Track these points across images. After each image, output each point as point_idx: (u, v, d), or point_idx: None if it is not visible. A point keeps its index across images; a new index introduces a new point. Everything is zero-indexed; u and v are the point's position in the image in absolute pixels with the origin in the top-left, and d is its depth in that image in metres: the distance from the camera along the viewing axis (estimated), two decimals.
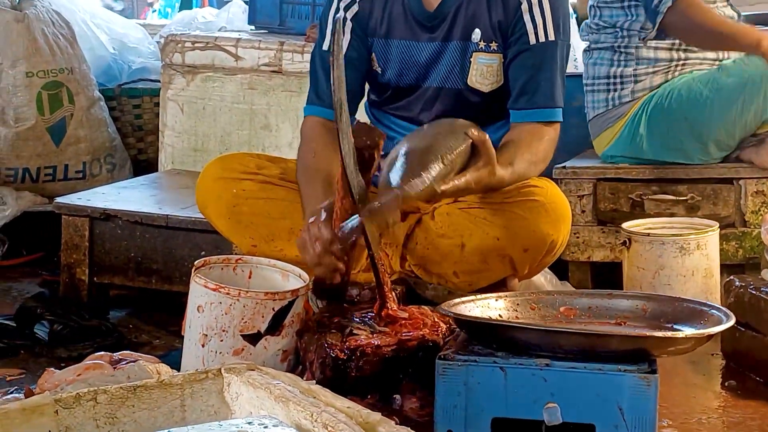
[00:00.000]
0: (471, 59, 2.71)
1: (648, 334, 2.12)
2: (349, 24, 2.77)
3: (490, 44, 2.71)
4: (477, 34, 2.70)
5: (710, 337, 2.11)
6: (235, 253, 2.90)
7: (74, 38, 4.16)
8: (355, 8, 2.78)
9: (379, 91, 2.84)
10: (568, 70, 4.04)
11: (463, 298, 2.33)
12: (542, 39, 2.67)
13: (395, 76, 2.78)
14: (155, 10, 11.50)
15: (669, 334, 2.13)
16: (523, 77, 2.67)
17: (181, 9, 9.61)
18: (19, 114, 3.94)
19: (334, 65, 2.27)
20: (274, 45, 3.88)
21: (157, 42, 4.58)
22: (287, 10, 4.24)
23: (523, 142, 2.60)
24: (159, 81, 4.14)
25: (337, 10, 2.79)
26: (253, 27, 4.35)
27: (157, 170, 4.08)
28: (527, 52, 2.67)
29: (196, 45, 3.97)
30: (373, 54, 2.78)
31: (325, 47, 2.80)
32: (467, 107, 2.75)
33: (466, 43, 2.71)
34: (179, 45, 3.98)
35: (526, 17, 2.67)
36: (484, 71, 2.72)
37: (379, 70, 2.79)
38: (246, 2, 4.58)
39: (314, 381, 2.18)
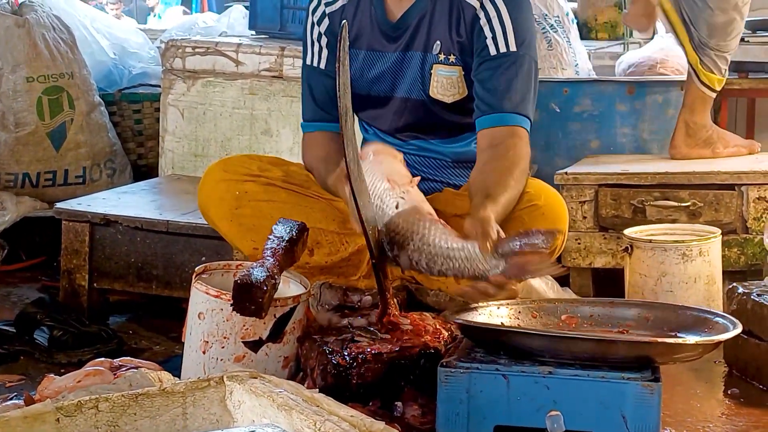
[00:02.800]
0: (431, 71, 2.73)
1: (658, 340, 2.11)
2: (324, 39, 2.82)
3: (449, 56, 2.72)
4: (437, 45, 2.72)
5: (718, 344, 2.10)
6: (236, 259, 2.90)
7: (75, 43, 4.16)
8: (326, 22, 2.82)
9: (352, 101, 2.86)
10: (568, 75, 4.09)
11: (467, 306, 2.32)
12: (503, 49, 2.66)
13: (363, 86, 2.81)
14: (156, 15, 11.53)
15: (679, 340, 2.11)
16: (483, 86, 2.67)
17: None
18: (20, 119, 3.93)
19: (339, 72, 2.27)
20: (274, 50, 3.88)
21: (158, 47, 4.57)
22: (288, 16, 4.23)
23: (490, 165, 2.56)
24: (159, 86, 4.13)
25: (312, 24, 2.84)
26: (253, 32, 4.34)
27: (157, 175, 4.08)
28: (488, 62, 2.67)
29: (197, 50, 3.97)
30: None
31: (308, 62, 2.85)
32: (434, 119, 2.78)
33: (426, 54, 2.73)
34: (180, 50, 3.98)
35: (486, 30, 2.67)
36: (444, 83, 2.73)
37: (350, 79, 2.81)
38: (246, 7, 4.58)
39: (316, 388, 2.18)
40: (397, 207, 2.31)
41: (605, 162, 3.57)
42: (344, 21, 2.54)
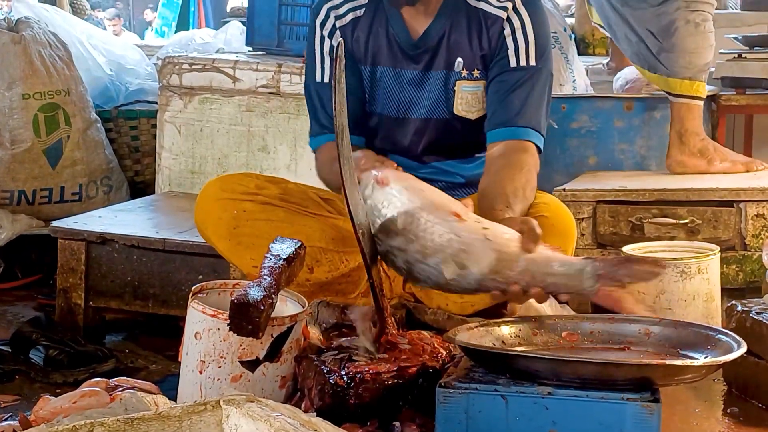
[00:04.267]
0: (455, 88, 2.72)
1: (665, 362, 2.09)
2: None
3: (473, 72, 2.71)
4: (459, 63, 2.71)
5: (722, 365, 2.09)
6: (233, 277, 2.89)
7: (71, 60, 4.15)
8: (337, 35, 2.78)
9: (367, 121, 2.83)
10: (565, 92, 4.09)
11: (467, 325, 2.31)
12: (522, 63, 2.67)
13: (381, 105, 2.79)
14: (153, 30, 11.56)
15: (687, 362, 2.10)
16: (499, 98, 2.66)
17: (177, 29, 9.64)
18: (15, 136, 3.92)
19: (335, 90, 2.26)
20: (272, 67, 3.88)
21: (155, 63, 4.56)
22: (285, 32, 4.23)
23: (496, 177, 2.56)
24: (156, 103, 4.13)
25: (322, 39, 2.80)
26: (250, 48, 4.34)
27: (154, 192, 4.07)
28: (505, 74, 2.67)
29: (194, 67, 3.96)
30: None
31: (318, 78, 2.80)
32: (456, 136, 2.77)
33: (448, 72, 2.72)
34: (177, 67, 3.97)
35: (509, 41, 2.68)
36: (468, 99, 2.72)
37: (366, 97, 2.79)
38: (244, 23, 4.58)
39: (314, 408, 2.17)
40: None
41: (603, 178, 3.57)
42: (341, 39, 2.53)
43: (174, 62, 3.98)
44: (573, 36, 4.60)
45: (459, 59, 2.71)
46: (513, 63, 2.67)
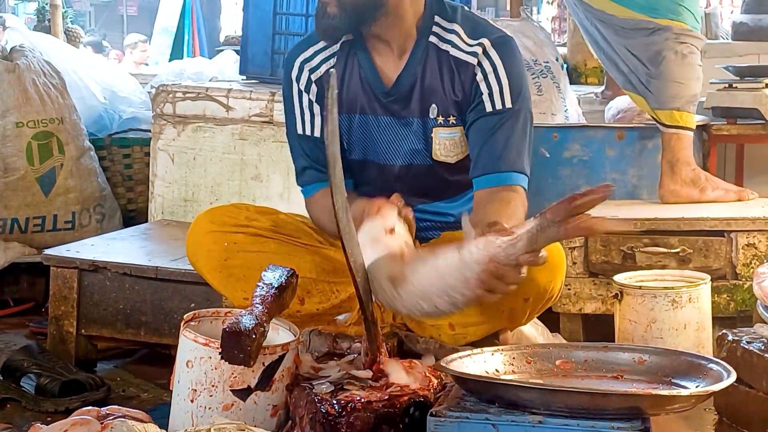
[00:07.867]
0: (432, 135, 2.70)
1: (652, 392, 2.10)
2: (316, 107, 2.76)
3: (449, 118, 2.69)
4: (434, 109, 2.69)
5: (711, 394, 2.09)
6: (225, 306, 2.89)
7: (65, 88, 4.17)
8: (314, 89, 2.76)
9: (348, 168, 2.80)
10: (557, 121, 4.11)
11: (460, 353, 2.31)
12: (499, 106, 2.64)
13: (361, 153, 2.77)
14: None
15: (674, 392, 2.10)
16: (480, 144, 2.64)
17: (171, 58, 9.66)
18: (9, 164, 3.93)
19: (327, 120, 2.27)
20: (265, 95, 3.89)
21: (148, 92, 4.58)
22: (279, 60, 4.24)
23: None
24: (149, 131, 4.13)
25: (300, 93, 2.77)
26: (244, 77, 4.35)
27: (147, 220, 4.07)
28: (483, 119, 2.65)
29: (187, 95, 3.97)
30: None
31: (300, 131, 2.78)
32: (438, 179, 2.76)
33: (424, 119, 2.70)
34: (170, 95, 3.98)
35: (482, 86, 2.65)
36: (446, 145, 2.71)
37: (345, 146, 2.76)
38: (237, 52, 4.59)
39: None
40: None
41: (595, 207, 3.56)
42: (333, 69, 2.53)
43: (167, 91, 3.99)
44: (565, 65, 4.62)
45: (433, 105, 2.69)
46: (489, 108, 2.64)
